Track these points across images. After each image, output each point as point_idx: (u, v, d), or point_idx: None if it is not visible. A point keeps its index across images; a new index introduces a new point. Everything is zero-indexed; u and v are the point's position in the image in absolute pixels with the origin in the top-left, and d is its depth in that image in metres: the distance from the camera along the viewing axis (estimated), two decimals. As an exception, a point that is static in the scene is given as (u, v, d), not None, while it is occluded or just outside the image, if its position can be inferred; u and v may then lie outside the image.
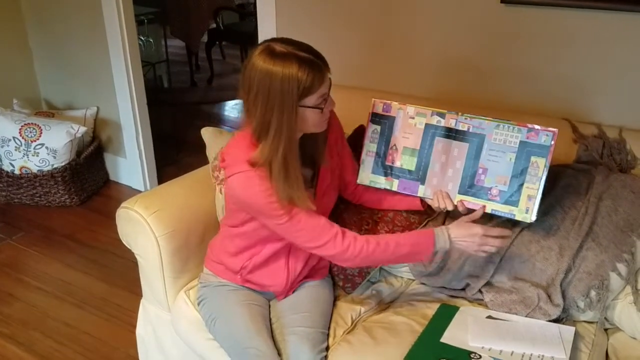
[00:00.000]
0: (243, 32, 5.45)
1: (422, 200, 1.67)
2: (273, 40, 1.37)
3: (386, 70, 2.27)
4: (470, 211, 1.56)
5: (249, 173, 1.39)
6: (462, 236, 1.47)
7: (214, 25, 5.46)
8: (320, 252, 1.46)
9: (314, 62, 1.34)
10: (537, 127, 1.51)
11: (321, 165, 1.57)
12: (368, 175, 1.68)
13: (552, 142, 1.48)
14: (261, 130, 1.37)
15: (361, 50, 2.28)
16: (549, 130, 1.49)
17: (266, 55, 1.33)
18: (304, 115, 1.38)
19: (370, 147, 1.67)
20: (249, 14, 5.76)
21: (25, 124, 3.11)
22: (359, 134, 1.77)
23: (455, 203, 1.58)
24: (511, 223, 1.65)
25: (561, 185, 1.70)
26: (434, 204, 1.61)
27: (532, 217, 1.52)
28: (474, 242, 1.46)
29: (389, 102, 1.65)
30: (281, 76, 1.31)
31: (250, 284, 1.65)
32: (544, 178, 1.50)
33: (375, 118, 1.66)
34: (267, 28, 2.47)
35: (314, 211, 1.44)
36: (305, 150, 1.48)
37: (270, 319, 1.62)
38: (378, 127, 1.66)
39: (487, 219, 1.63)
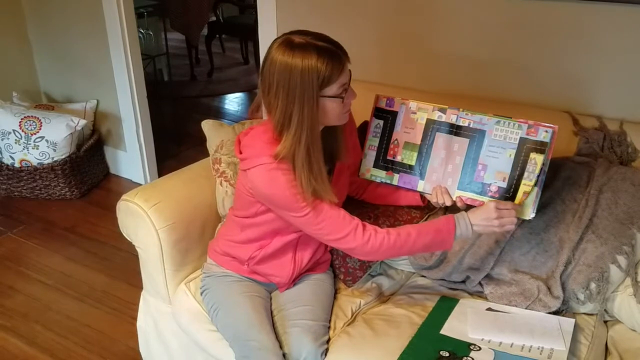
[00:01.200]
0: (243, 25, 5.44)
1: (422, 196, 1.67)
2: (291, 32, 1.37)
3: (389, 63, 2.27)
4: (469, 207, 1.56)
5: (271, 166, 1.39)
6: (480, 217, 1.45)
7: (214, 18, 5.45)
8: (341, 245, 1.45)
9: (333, 52, 1.34)
10: (537, 123, 1.48)
11: (339, 162, 1.57)
12: (369, 169, 1.68)
13: (552, 139, 1.46)
14: (283, 123, 1.37)
15: (363, 43, 2.27)
16: (549, 127, 1.47)
17: (285, 48, 1.33)
18: (324, 106, 1.38)
19: (372, 142, 1.67)
20: (248, 6, 5.75)
21: (25, 117, 3.11)
22: (364, 130, 1.76)
23: (454, 199, 1.57)
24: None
25: (561, 177, 1.70)
26: (433, 199, 1.60)
27: (530, 214, 1.50)
28: (491, 217, 1.43)
29: (392, 97, 1.65)
30: (301, 68, 1.31)
31: (255, 274, 1.65)
32: (542, 175, 1.48)
33: (379, 113, 1.66)
34: (267, 21, 2.46)
35: (335, 203, 1.44)
36: (324, 145, 1.47)
37: (271, 311, 1.63)
38: (381, 122, 1.66)
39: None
